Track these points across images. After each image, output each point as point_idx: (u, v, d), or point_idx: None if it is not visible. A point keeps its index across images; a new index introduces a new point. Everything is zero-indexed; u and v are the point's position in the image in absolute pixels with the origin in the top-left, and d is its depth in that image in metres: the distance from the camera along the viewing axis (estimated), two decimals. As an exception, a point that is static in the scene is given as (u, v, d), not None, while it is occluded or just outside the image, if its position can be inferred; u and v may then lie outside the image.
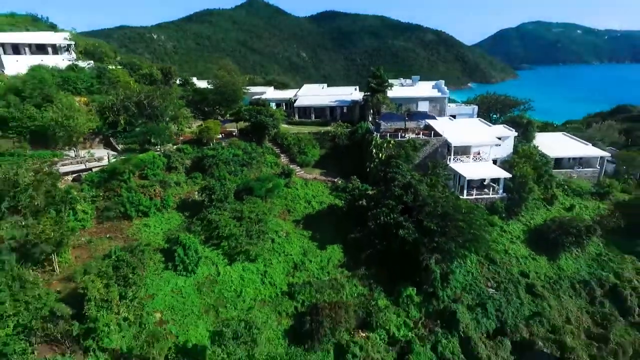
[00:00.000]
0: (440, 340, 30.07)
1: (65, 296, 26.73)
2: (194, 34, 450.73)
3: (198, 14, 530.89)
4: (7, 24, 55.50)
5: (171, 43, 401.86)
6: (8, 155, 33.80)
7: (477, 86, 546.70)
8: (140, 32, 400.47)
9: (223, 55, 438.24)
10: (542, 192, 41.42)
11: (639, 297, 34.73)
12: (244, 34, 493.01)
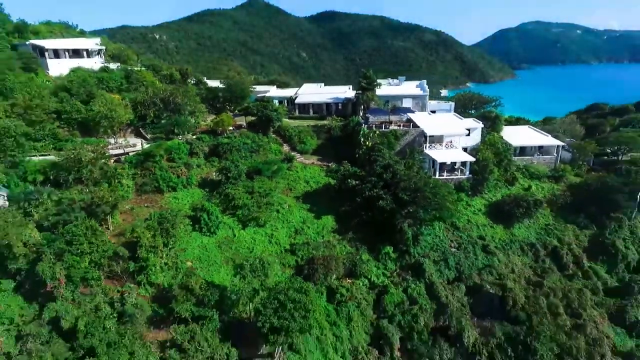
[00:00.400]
0: (410, 285, 38.57)
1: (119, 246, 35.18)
2: (196, 34, 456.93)
3: (199, 14, 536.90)
4: (46, 32, 64.10)
5: (173, 43, 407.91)
6: (64, 141, 42.30)
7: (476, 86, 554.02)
8: (143, 32, 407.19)
9: (224, 55, 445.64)
10: (502, 174, 49.87)
11: (574, 256, 43.22)
12: (244, 34, 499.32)
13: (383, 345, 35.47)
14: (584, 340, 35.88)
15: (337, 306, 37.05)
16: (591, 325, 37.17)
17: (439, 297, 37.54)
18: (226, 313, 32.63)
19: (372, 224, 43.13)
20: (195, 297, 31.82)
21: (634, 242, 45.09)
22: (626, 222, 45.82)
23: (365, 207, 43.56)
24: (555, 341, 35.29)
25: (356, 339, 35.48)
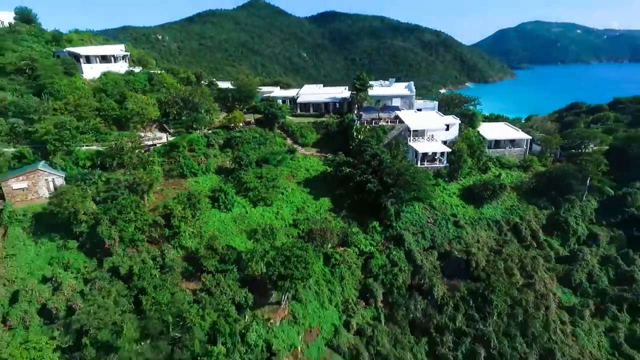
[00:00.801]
0: (392, 252, 47.21)
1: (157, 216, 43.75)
2: (197, 34, 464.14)
3: (200, 14, 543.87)
4: (77, 40, 72.81)
5: (175, 44, 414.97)
6: (104, 134, 51.02)
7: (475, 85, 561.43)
8: (146, 33, 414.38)
9: (226, 55, 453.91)
10: (475, 163, 58.43)
11: (532, 230, 51.81)
12: (245, 34, 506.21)
13: (369, 298, 44.17)
14: (533, 295, 44.48)
15: (332, 268, 45.73)
16: (541, 284, 45.78)
17: (415, 261, 46.19)
18: (242, 270, 41.25)
19: (361, 203, 51.75)
20: (218, 255, 40.55)
21: (583, 219, 53.67)
22: (578, 203, 54.40)
23: (356, 190, 52.16)
24: (508, 295, 43.92)
25: (347, 293, 44.13)
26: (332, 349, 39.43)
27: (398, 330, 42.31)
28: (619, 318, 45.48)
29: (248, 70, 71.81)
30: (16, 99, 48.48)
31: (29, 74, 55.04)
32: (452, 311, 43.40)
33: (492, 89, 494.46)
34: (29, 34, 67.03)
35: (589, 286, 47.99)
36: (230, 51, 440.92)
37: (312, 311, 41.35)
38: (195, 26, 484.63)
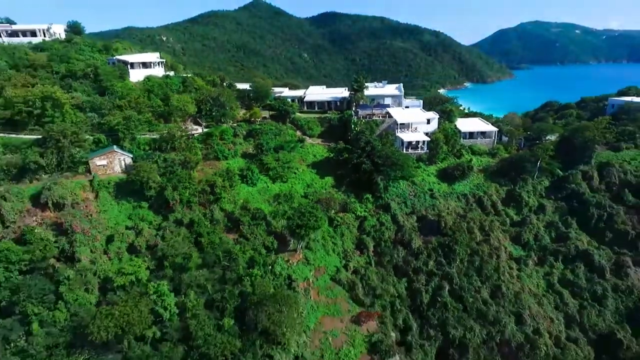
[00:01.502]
0: (381, 216, 62.14)
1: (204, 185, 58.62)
2: (200, 35, 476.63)
3: (203, 15, 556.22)
4: (121, 48, 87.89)
5: (179, 44, 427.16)
6: (155, 125, 65.94)
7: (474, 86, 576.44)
8: (151, 35, 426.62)
9: (228, 56, 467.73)
10: (450, 150, 73.35)
11: (492, 202, 66.66)
12: (247, 35, 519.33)
13: (362, 249, 59.12)
14: (488, 248, 59.35)
15: (335, 228, 60.65)
16: (495, 240, 60.67)
17: (398, 222, 61.14)
18: (267, 226, 56.13)
19: (357, 180, 66.69)
20: (250, 213, 55.50)
21: (534, 193, 68.54)
22: (530, 181, 69.29)
23: (353, 170, 67.08)
24: (469, 247, 58.79)
25: (346, 245, 59.06)
26: (335, 282, 54.31)
27: (384, 271, 57.19)
28: (554, 266, 60.32)
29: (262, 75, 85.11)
30: (90, 98, 63.49)
31: (93, 78, 69.98)
32: (426, 258, 58.26)
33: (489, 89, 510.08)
34: (85, 44, 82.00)
35: (534, 243, 62.85)
36: (233, 52, 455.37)
37: (319, 257, 56.24)
38: (198, 27, 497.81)
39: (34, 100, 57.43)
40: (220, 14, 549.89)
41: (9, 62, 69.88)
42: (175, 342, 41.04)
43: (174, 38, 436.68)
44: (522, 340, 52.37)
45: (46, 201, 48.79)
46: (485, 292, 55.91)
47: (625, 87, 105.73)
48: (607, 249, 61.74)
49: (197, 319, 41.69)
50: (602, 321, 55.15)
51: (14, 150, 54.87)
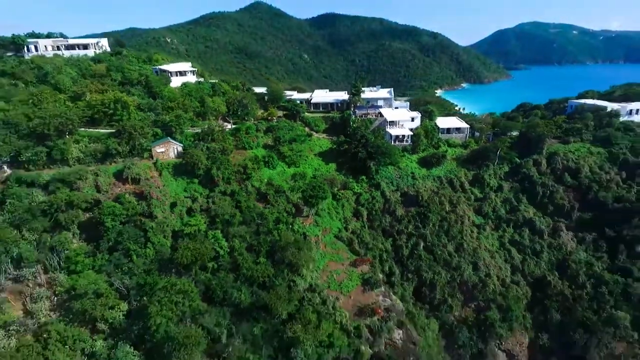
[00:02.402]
0: (373, 192, 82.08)
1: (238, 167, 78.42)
2: (203, 37, 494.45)
3: (205, 17, 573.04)
4: (160, 59, 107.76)
5: (183, 46, 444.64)
6: (195, 121, 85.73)
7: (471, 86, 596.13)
8: (156, 37, 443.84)
9: (231, 57, 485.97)
10: (430, 142, 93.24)
11: (460, 182, 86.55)
12: (248, 36, 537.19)
13: (358, 216, 78.94)
14: (455, 215, 79.21)
15: (337, 201, 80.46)
16: (461, 210, 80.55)
17: (386, 197, 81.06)
18: (287, 198, 75.89)
19: (355, 166, 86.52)
20: (274, 188, 75.34)
21: (495, 176, 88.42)
22: (492, 167, 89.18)
23: (351, 158, 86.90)
24: (439, 214, 78.64)
25: (346, 214, 78.88)
26: (337, 239, 74.12)
27: (375, 232, 77.05)
28: (506, 230, 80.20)
29: (277, 79, 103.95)
30: (145, 100, 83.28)
31: (144, 84, 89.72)
32: (406, 223, 78.13)
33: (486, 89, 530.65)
34: (132, 56, 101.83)
35: (492, 214, 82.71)
36: (235, 53, 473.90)
37: (325, 221, 76.05)
38: (200, 29, 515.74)
39: (108, 103, 77.16)
40: (222, 16, 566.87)
41: (78, 72, 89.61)
42: (227, 271, 60.67)
43: (178, 40, 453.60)
44: (476, 281, 72.30)
45: (127, 177, 68.54)
46: (450, 247, 75.78)
47: (584, 91, 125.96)
48: (547, 218, 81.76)
49: (243, 256, 61.41)
50: (538, 269, 75.14)
51: (96, 140, 74.56)
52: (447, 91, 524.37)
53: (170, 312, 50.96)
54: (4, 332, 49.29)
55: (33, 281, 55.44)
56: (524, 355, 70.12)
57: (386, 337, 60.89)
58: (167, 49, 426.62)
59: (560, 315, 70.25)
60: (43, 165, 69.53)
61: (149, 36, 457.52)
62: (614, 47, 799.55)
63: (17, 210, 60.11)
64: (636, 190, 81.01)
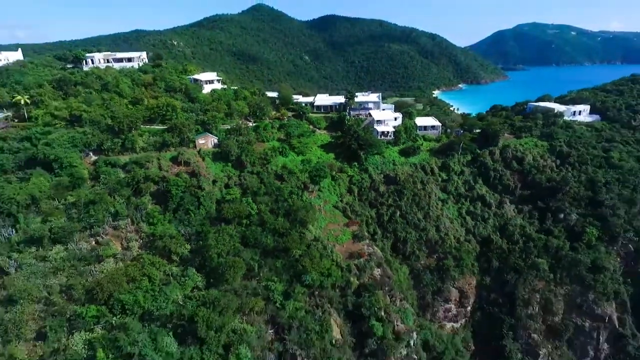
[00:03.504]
0: (362, 175, 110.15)
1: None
2: (207, 39, 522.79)
3: (209, 19, 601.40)
4: (193, 70, 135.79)
5: (189, 49, 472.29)
6: (226, 120, 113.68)
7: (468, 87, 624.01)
8: (163, 40, 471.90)
9: (234, 59, 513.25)
10: (408, 137, 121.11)
11: (431, 168, 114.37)
12: (251, 38, 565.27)
13: (351, 192, 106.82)
14: (424, 191, 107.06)
15: (335, 181, 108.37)
16: (429, 188, 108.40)
17: (373, 178, 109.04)
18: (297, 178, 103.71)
19: (349, 155, 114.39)
20: (287, 170, 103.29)
21: (459, 164, 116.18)
22: (456, 156, 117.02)
23: (346, 149, 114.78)
24: (412, 191, 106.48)
25: (341, 190, 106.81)
26: (335, 208, 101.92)
27: (363, 204, 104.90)
28: (464, 204, 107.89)
29: (279, 80, 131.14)
30: (186, 104, 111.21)
31: (184, 91, 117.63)
32: (387, 197, 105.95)
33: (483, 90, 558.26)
34: (170, 67, 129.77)
35: (454, 191, 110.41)
36: (238, 55, 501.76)
37: (326, 195, 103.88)
38: (204, 31, 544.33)
39: (161, 106, 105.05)
40: (225, 18, 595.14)
41: (132, 82, 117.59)
42: (256, 225, 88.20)
43: (184, 42, 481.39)
44: (437, 239, 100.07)
45: (181, 160, 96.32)
46: (419, 215, 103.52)
47: (543, 94, 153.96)
48: (497, 194, 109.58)
49: (267, 215, 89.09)
50: (485, 231, 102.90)
51: (154, 134, 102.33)
52: (444, 92, 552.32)
53: (222, 247, 78.57)
54: (113, 259, 76.86)
55: (125, 229, 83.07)
56: (472, 292, 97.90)
57: (369, 273, 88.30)
58: (174, 51, 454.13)
59: (499, 263, 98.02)
60: (118, 152, 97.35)
61: (155, 39, 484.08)
62: (612, 48, 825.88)
63: (109, 182, 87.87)
64: (564, 174, 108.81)
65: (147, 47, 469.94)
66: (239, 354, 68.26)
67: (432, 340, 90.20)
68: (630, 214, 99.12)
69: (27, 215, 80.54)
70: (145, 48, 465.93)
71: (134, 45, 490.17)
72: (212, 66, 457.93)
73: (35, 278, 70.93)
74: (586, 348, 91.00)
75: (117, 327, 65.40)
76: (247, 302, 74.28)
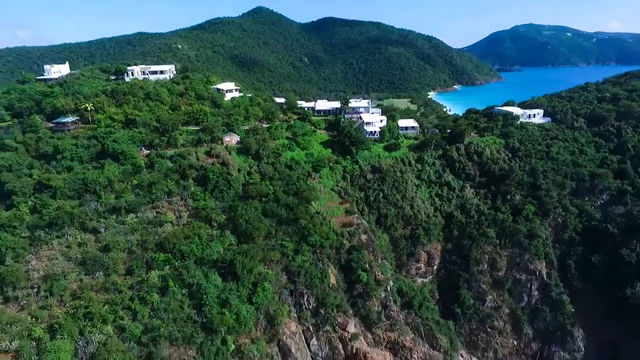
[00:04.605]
0: (354, 165, 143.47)
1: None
2: (210, 42, 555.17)
3: (210, 22, 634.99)
4: (216, 81, 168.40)
5: (193, 52, 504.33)
6: (244, 122, 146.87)
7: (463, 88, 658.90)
8: (168, 43, 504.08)
9: (236, 61, 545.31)
10: (391, 136, 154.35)
11: (409, 160, 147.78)
12: (252, 41, 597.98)
13: (345, 179, 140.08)
14: (402, 179, 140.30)
15: (331, 170, 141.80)
16: (406, 176, 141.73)
17: (362, 168, 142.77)
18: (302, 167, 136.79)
19: (343, 150, 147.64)
20: (294, 162, 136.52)
21: (431, 157, 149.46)
22: (429, 151, 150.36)
23: (341, 145, 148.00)
24: (393, 178, 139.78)
25: (337, 177, 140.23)
26: (332, 190, 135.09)
27: (354, 188, 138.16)
28: (434, 188, 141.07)
29: (279, 82, 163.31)
30: (213, 110, 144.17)
31: (211, 99, 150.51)
32: (373, 183, 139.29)
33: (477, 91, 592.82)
34: (197, 79, 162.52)
35: (426, 179, 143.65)
36: (240, 57, 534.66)
37: (325, 181, 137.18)
38: (207, 34, 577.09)
39: (195, 111, 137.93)
40: (226, 21, 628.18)
41: (167, 91, 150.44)
42: (272, 201, 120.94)
43: (187, 46, 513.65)
44: (411, 214, 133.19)
45: (213, 154, 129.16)
46: (398, 197, 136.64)
47: (508, 100, 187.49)
48: (460, 181, 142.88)
49: (280, 194, 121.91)
50: (449, 208, 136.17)
51: (190, 134, 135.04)
52: (439, 93, 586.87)
53: (248, 216, 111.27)
54: (170, 224, 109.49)
55: (177, 203, 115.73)
56: (437, 255, 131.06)
57: (357, 238, 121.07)
58: (179, 55, 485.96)
59: (458, 232, 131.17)
60: (164, 147, 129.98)
61: (161, 42, 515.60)
62: (607, 49, 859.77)
63: (161, 170, 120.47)
64: (512, 165, 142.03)
65: (153, 50, 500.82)
66: (264, 288, 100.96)
67: (405, 289, 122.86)
68: (560, 195, 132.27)
69: (106, 193, 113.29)
70: (151, 51, 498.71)
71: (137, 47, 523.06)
72: (215, 68, 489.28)
73: (119, 235, 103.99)
74: (522, 295, 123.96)
75: (180, 268, 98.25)
76: (268, 254, 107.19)
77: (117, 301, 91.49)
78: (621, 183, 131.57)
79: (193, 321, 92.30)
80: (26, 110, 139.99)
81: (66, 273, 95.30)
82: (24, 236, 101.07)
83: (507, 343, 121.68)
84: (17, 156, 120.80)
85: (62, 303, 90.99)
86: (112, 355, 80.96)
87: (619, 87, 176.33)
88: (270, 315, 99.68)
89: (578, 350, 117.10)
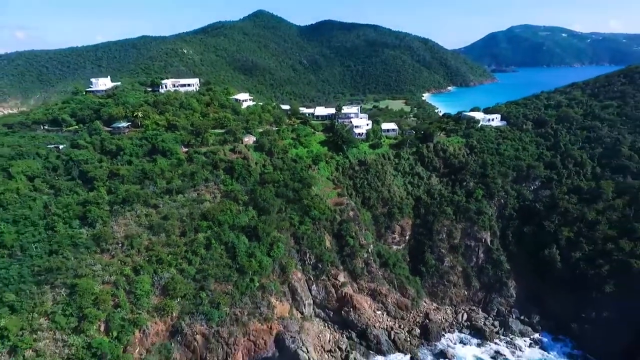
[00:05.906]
0: (345, 159, 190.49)
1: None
2: (214, 46, 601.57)
3: (213, 26, 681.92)
4: (233, 92, 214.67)
5: (198, 56, 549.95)
6: (258, 126, 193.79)
7: (457, 89, 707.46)
8: (174, 48, 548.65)
9: (239, 65, 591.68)
10: (375, 136, 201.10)
11: (389, 156, 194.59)
12: (253, 44, 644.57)
13: (338, 170, 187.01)
14: (382, 170, 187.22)
15: (327, 163, 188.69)
16: (386, 168, 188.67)
17: (351, 162, 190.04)
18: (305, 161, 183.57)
19: (337, 148, 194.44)
20: (298, 157, 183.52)
21: (407, 154, 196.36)
22: (405, 148, 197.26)
23: (335, 144, 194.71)
24: (376, 169, 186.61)
25: (332, 169, 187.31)
26: (328, 179, 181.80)
27: (345, 177, 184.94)
28: (407, 177, 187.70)
29: (280, 85, 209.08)
30: (234, 116, 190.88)
31: (232, 107, 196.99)
32: (359, 173, 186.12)
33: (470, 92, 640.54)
34: (219, 91, 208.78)
35: (402, 170, 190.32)
36: (242, 61, 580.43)
37: (322, 171, 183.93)
38: (210, 38, 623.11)
39: (220, 117, 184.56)
40: (228, 25, 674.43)
41: (196, 101, 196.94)
42: (282, 186, 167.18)
43: (193, 50, 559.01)
44: (388, 197, 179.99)
45: (236, 151, 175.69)
46: (379, 183, 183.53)
47: (475, 106, 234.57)
48: (428, 172, 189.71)
49: (288, 181, 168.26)
50: (418, 193, 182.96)
51: (217, 135, 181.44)
52: (433, 94, 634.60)
53: (265, 196, 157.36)
54: (208, 202, 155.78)
55: (212, 187, 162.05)
56: (409, 228, 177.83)
57: (347, 213, 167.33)
58: (185, 59, 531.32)
59: (424, 210, 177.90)
60: (198, 146, 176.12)
61: (167, 47, 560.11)
62: (601, 49, 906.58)
63: (198, 163, 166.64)
64: (468, 159, 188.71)
65: (160, 55, 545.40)
66: (278, 246, 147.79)
67: (383, 252, 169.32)
68: (504, 182, 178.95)
69: (160, 179, 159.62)
70: (158, 56, 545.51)
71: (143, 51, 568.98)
72: (219, 72, 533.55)
73: (173, 209, 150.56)
74: (471, 257, 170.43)
75: (219, 231, 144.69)
76: (280, 224, 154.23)
77: (177, 253, 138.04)
78: (550, 173, 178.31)
79: (229, 266, 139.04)
80: (87, 117, 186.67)
81: (139, 234, 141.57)
82: (106, 210, 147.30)
83: (460, 293, 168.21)
84: (89, 153, 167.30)
85: (139, 253, 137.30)
86: (177, 286, 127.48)
87: (564, 96, 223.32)
88: (282, 265, 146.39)
89: (511, 296, 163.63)
